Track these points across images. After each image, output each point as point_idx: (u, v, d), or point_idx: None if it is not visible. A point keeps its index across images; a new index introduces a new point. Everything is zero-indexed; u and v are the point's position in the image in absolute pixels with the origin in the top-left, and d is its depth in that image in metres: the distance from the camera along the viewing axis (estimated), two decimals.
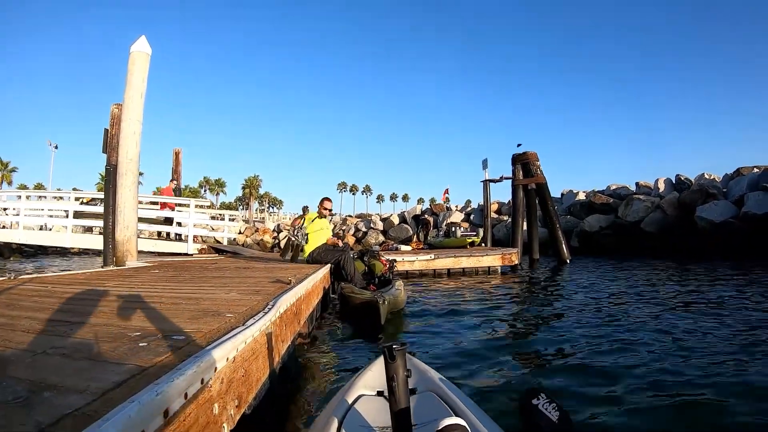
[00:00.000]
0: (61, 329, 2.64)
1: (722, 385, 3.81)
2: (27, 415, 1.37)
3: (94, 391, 1.55)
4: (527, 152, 19.88)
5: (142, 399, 1.39)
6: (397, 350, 1.64)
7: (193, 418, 1.70)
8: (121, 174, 8.99)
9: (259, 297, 3.96)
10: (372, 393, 2.30)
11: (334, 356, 5.06)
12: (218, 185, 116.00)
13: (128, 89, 9.10)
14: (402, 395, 1.64)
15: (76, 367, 1.88)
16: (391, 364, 1.64)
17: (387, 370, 1.66)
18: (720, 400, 3.48)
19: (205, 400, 1.82)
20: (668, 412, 3.33)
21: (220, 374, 2.02)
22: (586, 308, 7.54)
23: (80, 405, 1.43)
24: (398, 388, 1.64)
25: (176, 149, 19.59)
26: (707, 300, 8.05)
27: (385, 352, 1.65)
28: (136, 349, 2.13)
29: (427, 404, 2.11)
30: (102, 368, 1.85)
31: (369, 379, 2.46)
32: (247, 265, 9.19)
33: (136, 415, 1.32)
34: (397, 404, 1.64)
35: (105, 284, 5.14)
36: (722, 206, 20.20)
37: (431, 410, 2.03)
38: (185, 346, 2.18)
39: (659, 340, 5.31)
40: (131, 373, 1.76)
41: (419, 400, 2.13)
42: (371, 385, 2.38)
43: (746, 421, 3.13)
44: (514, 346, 5.36)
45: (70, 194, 18.86)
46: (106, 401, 1.46)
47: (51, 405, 1.45)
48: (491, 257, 14.35)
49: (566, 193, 30.34)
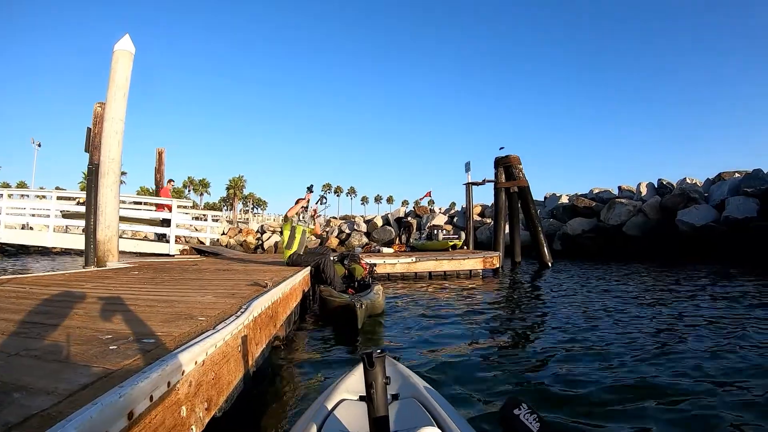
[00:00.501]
0: (35, 331, 2.68)
1: (697, 388, 3.95)
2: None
3: (62, 393, 1.61)
4: (510, 155, 20.02)
5: (105, 401, 1.45)
6: (376, 357, 1.62)
7: (159, 421, 1.76)
8: (102, 173, 8.95)
9: (233, 300, 4.00)
10: (354, 398, 2.27)
11: (311, 359, 5.07)
12: (202, 185, 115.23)
13: (111, 88, 9.06)
14: (381, 402, 1.64)
15: (47, 369, 1.94)
16: (370, 370, 1.62)
17: (366, 376, 1.64)
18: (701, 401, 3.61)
19: (172, 402, 1.88)
20: (648, 418, 3.39)
21: (189, 377, 2.07)
22: (564, 314, 7.64)
23: (47, 406, 1.49)
24: (377, 394, 1.63)
25: (159, 149, 19.46)
26: (681, 306, 8.22)
27: (364, 358, 1.63)
28: (106, 352, 2.18)
29: (409, 411, 2.10)
30: (72, 370, 1.91)
31: (352, 383, 2.43)
32: (228, 267, 9.18)
33: (98, 416, 1.38)
34: (375, 411, 1.63)
35: (83, 286, 5.15)
36: (703, 210, 20.52)
37: (412, 417, 2.01)
38: (154, 349, 2.23)
39: (637, 346, 5.42)
40: (98, 375, 1.82)
41: (401, 407, 2.13)
42: (354, 389, 2.34)
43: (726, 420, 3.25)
44: (494, 352, 5.40)
45: (52, 193, 18.71)
46: (71, 402, 1.52)
47: (19, 405, 1.51)
48: (473, 260, 14.43)
49: (549, 197, 30.54)
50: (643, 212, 22.83)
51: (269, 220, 56.22)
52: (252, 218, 70.60)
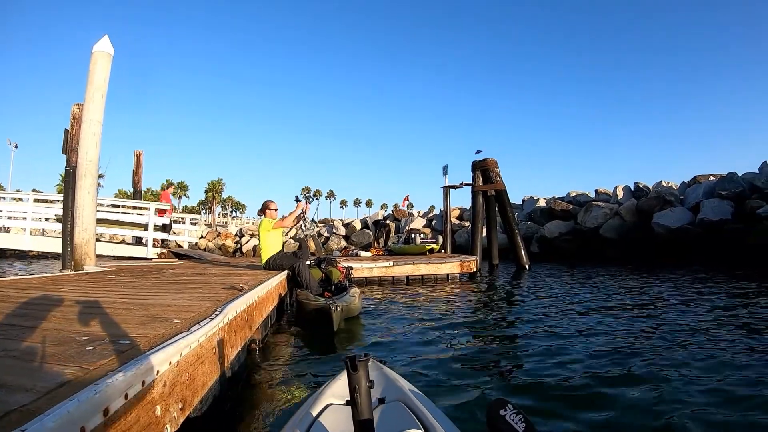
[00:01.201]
0: (14, 333, 2.75)
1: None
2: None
3: (40, 390, 1.69)
4: (487, 159, 20.21)
5: (82, 397, 1.54)
6: (359, 361, 1.64)
7: (134, 418, 1.84)
8: (80, 176, 8.89)
9: (209, 303, 4.06)
10: (341, 402, 2.28)
11: (287, 362, 5.16)
12: (181, 188, 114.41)
13: (89, 89, 8.98)
14: (365, 406, 1.64)
15: (26, 369, 2.01)
16: (353, 374, 1.64)
17: (349, 381, 1.65)
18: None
19: (146, 401, 1.96)
20: (622, 410, 3.55)
21: (163, 377, 2.14)
22: (540, 317, 7.75)
23: (26, 402, 1.57)
24: (361, 399, 1.64)
25: (137, 151, 19.33)
26: (656, 306, 8.55)
27: (347, 362, 1.64)
28: (83, 352, 2.25)
29: (395, 415, 2.11)
30: (50, 370, 1.98)
31: (338, 388, 2.44)
32: (205, 270, 9.21)
33: (74, 410, 1.46)
34: (360, 415, 1.64)
35: (60, 290, 5.18)
36: (679, 213, 20.95)
37: (398, 421, 2.02)
38: (129, 350, 2.31)
39: (612, 345, 5.63)
40: (76, 374, 1.90)
41: (387, 410, 2.14)
42: (341, 393, 2.34)
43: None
44: (473, 354, 5.49)
45: (29, 196, 18.57)
46: (49, 399, 1.60)
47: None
48: (450, 264, 14.51)
49: (527, 200, 30.84)
50: (620, 215, 23.16)
51: (248, 224, 55.93)
52: (231, 222, 70.41)
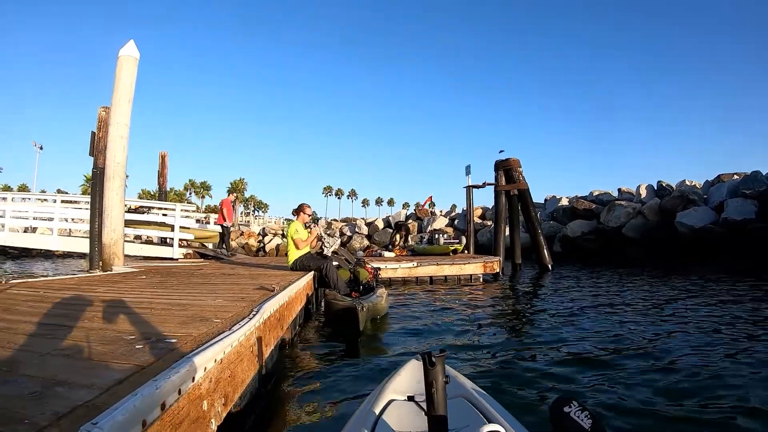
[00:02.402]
0: (60, 333, 2.85)
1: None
2: (43, 406, 1.60)
3: (100, 386, 1.79)
4: (510, 158, 20.10)
5: (144, 392, 1.63)
6: (437, 356, 1.64)
7: (185, 412, 1.93)
8: (108, 177, 9.04)
9: (244, 303, 4.18)
10: (402, 398, 2.27)
11: (315, 361, 5.24)
12: (204, 188, 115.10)
13: (116, 93, 9.15)
14: (441, 402, 1.65)
15: (80, 366, 2.12)
16: (430, 370, 1.64)
17: (426, 376, 1.65)
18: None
19: (195, 396, 2.05)
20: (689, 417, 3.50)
21: (209, 374, 2.23)
22: (566, 320, 7.60)
23: (90, 398, 1.67)
24: (437, 394, 1.64)
25: (162, 152, 19.53)
26: (683, 308, 8.44)
27: (425, 358, 1.64)
28: (133, 350, 2.36)
29: (460, 410, 2.10)
30: (104, 367, 2.09)
31: (399, 384, 2.46)
32: (233, 271, 9.35)
33: (139, 404, 1.56)
34: (435, 410, 1.65)
35: (95, 290, 5.32)
36: (702, 212, 20.61)
37: (464, 416, 2.03)
38: (177, 348, 2.41)
39: (653, 351, 5.48)
40: (131, 371, 2.00)
41: (451, 406, 1.95)
42: (401, 390, 2.36)
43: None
44: (492, 356, 5.50)
45: (56, 197, 18.85)
46: (111, 394, 1.70)
47: (63, 398, 1.69)
48: (473, 265, 14.46)
49: (549, 199, 30.61)
50: (643, 214, 22.91)
51: (270, 223, 56.18)
52: (253, 221, 70.68)
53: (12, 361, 2.18)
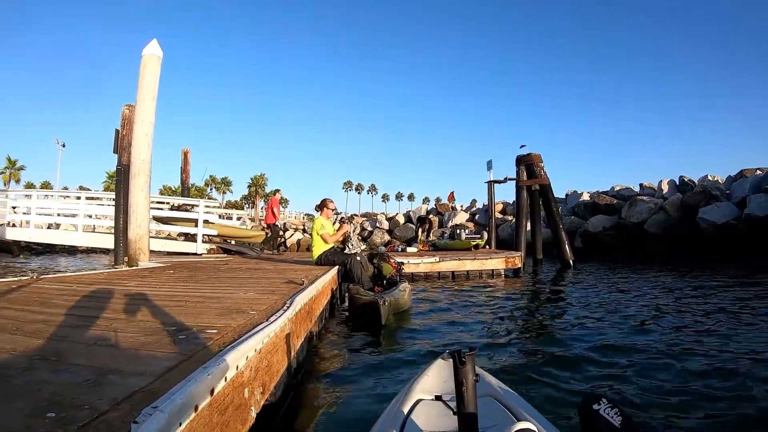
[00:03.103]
0: (101, 324, 2.95)
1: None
2: (100, 392, 1.67)
3: (152, 374, 1.87)
4: (531, 154, 20.06)
5: (198, 378, 1.70)
6: (467, 355, 1.64)
7: (230, 399, 1.99)
8: (133, 175, 9.22)
9: (275, 296, 4.28)
10: (430, 398, 2.28)
11: (341, 354, 5.33)
12: (224, 184, 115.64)
13: (140, 92, 9.32)
14: (471, 400, 1.65)
15: (127, 356, 2.20)
16: (460, 369, 1.64)
17: (456, 375, 1.65)
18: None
19: (238, 383, 2.11)
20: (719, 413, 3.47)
21: (250, 363, 2.29)
22: (590, 317, 7.53)
23: (144, 384, 1.74)
24: (467, 393, 1.65)
25: (185, 149, 19.74)
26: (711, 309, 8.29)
27: (455, 356, 1.64)
28: (177, 340, 2.45)
29: (489, 409, 2.11)
30: (152, 356, 2.17)
31: (426, 383, 2.46)
32: (258, 266, 9.50)
33: (194, 389, 1.63)
34: (465, 409, 1.65)
35: (126, 284, 5.44)
36: (724, 208, 20.33)
37: (493, 415, 2.04)
38: (219, 338, 2.50)
39: (678, 350, 5.32)
40: (179, 359, 2.08)
41: (480, 405, 2.00)
42: (429, 389, 2.37)
43: None
44: (515, 351, 5.51)
45: (81, 194, 19.15)
46: (164, 381, 1.77)
47: (118, 385, 1.76)
48: (495, 260, 14.49)
49: (570, 194, 30.43)
50: (665, 210, 22.71)
51: (291, 218, 56.40)
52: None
53: (60, 352, 2.25)
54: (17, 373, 1.91)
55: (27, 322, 2.98)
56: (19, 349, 2.27)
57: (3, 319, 3.06)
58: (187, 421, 1.55)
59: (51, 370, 1.96)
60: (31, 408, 1.52)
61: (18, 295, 4.30)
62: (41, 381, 1.81)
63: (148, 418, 1.35)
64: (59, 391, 1.69)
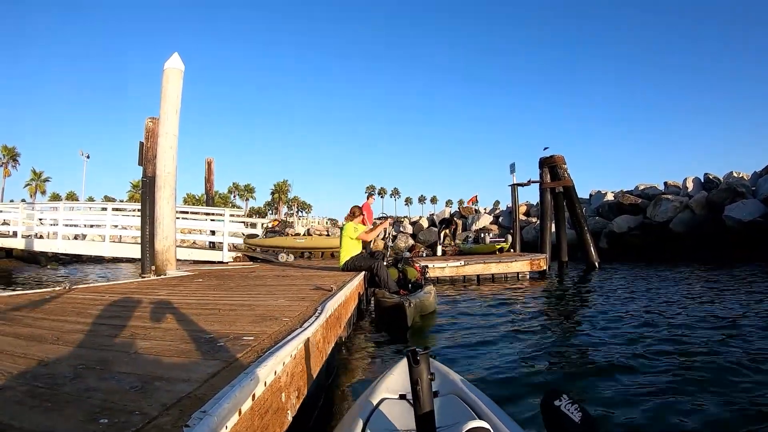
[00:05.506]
0: (140, 333, 3.03)
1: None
2: (149, 398, 1.74)
3: (197, 380, 1.94)
4: (554, 155, 20.02)
5: (242, 383, 1.77)
6: (420, 354, 1.66)
7: (269, 403, 2.05)
8: (159, 187, 9.32)
9: (306, 303, 4.36)
10: (395, 396, 2.33)
11: (369, 358, 5.42)
12: (247, 191, 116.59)
13: (163, 105, 9.43)
14: (426, 399, 1.68)
15: (171, 363, 2.26)
16: (415, 368, 1.66)
17: (411, 374, 1.68)
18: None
19: (276, 388, 2.17)
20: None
21: (287, 368, 2.36)
22: (614, 321, 7.34)
23: (190, 390, 1.80)
24: (422, 391, 1.66)
25: (208, 159, 20.04)
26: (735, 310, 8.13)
27: (409, 356, 1.67)
28: (216, 348, 2.53)
29: (450, 407, 2.15)
30: (194, 363, 2.24)
31: (391, 382, 2.51)
32: (285, 273, 9.59)
33: (239, 394, 1.69)
34: (421, 408, 1.67)
35: (157, 293, 5.54)
36: (751, 205, 20.05)
37: (454, 413, 2.07)
38: (257, 344, 2.57)
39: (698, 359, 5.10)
40: (220, 366, 2.14)
41: (442, 403, 2.16)
42: (393, 388, 2.42)
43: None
44: (539, 353, 5.52)
45: (108, 205, 19.47)
46: (209, 387, 1.84)
47: (165, 391, 1.82)
48: (520, 263, 14.50)
49: (594, 194, 30.26)
50: (690, 208, 22.47)
51: (314, 223, 56.70)
52: (297, 221, 71.29)
53: (104, 360, 2.32)
54: (65, 381, 1.97)
55: (65, 332, 3.06)
56: (62, 358, 2.35)
57: (42, 329, 3.15)
58: (232, 425, 1.61)
59: (98, 378, 2.02)
60: (84, 414, 1.58)
61: (53, 306, 4.40)
62: (89, 388, 1.88)
63: (198, 422, 1.42)
64: (108, 398, 1.75)
